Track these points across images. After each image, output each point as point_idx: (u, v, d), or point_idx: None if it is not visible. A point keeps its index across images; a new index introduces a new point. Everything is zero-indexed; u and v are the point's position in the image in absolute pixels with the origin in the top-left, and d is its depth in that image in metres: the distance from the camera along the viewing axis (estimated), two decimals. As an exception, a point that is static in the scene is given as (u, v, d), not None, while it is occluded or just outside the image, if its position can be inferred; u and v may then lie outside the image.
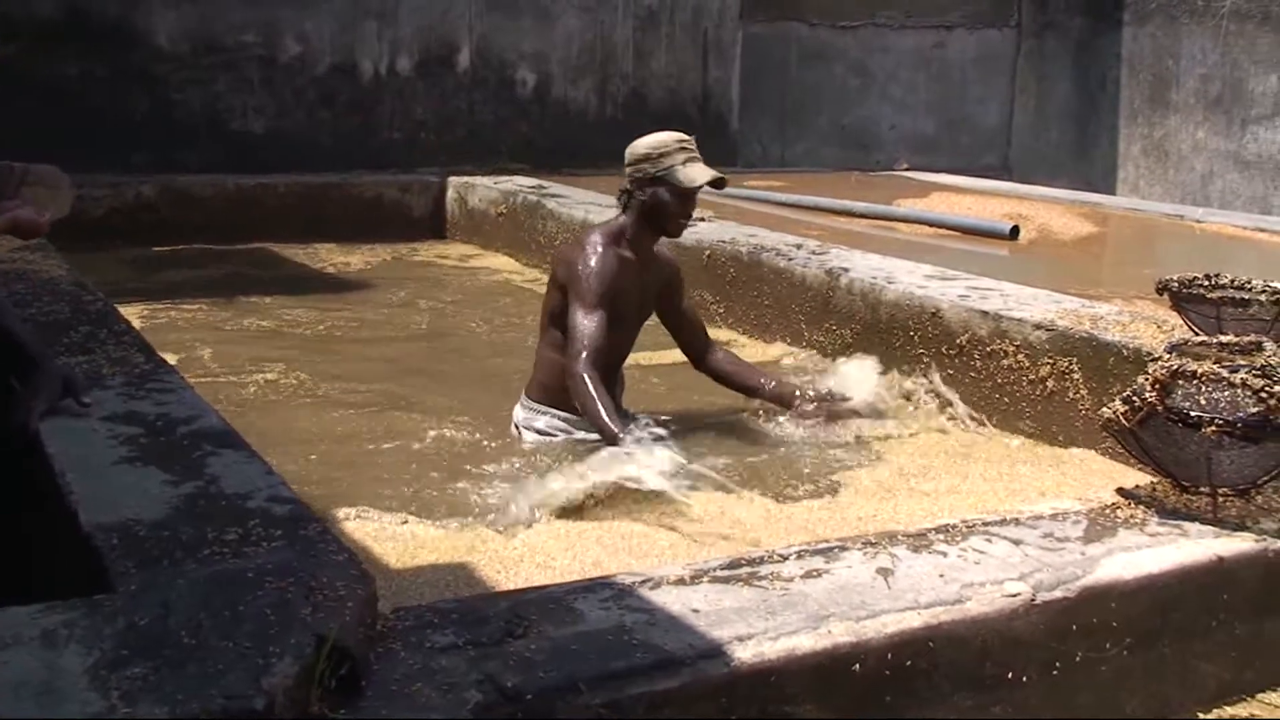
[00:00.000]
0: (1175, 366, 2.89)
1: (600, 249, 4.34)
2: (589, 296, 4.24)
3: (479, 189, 9.05)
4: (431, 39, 10.12)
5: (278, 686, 1.83)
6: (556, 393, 4.37)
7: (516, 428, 4.54)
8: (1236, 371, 2.93)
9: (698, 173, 4.34)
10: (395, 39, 9.99)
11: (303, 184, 9.11)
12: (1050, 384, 4.62)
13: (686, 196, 4.37)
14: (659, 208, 4.38)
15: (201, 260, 8.02)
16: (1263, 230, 8.17)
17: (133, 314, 5.61)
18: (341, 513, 3.79)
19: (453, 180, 9.38)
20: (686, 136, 4.44)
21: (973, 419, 4.67)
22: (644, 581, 2.40)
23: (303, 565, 2.22)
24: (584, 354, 4.14)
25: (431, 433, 4.64)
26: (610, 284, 4.29)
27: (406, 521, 3.79)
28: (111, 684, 1.80)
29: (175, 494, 2.58)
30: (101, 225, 8.17)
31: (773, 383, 4.75)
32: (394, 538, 3.67)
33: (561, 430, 4.43)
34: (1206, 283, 4.33)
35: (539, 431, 4.46)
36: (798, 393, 4.65)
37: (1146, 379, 2.87)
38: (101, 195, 8.38)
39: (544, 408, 4.46)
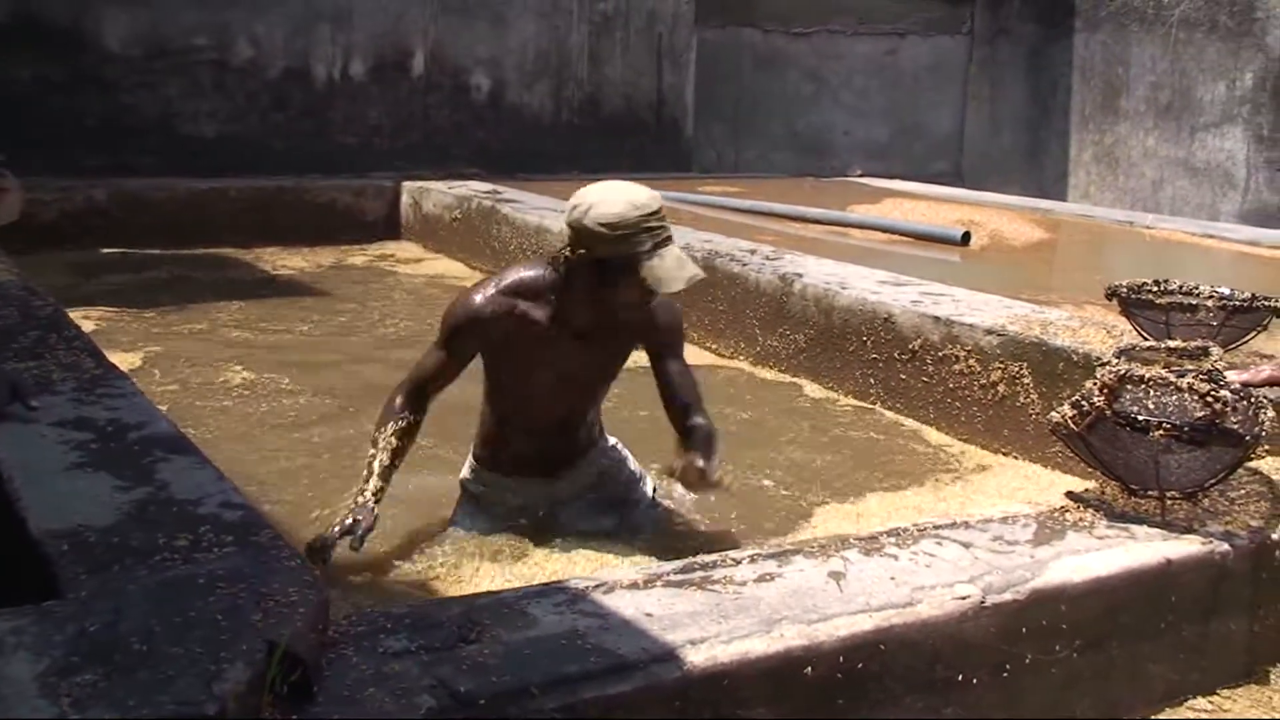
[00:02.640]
0: (1123, 371, 2.92)
1: (480, 295, 3.48)
2: (438, 336, 3.53)
3: (433, 194, 9.03)
4: (385, 43, 10.10)
5: (229, 693, 1.83)
6: (480, 449, 3.79)
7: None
8: (1183, 376, 2.96)
9: (670, 274, 3.26)
10: (349, 43, 9.97)
11: (255, 188, 9.06)
12: (1001, 388, 4.66)
13: (643, 288, 3.29)
14: (601, 290, 3.36)
15: (153, 265, 7.97)
16: (1211, 236, 8.28)
17: (83, 318, 5.57)
18: (296, 519, 3.79)
19: (407, 185, 9.36)
20: (651, 206, 3.28)
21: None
22: (597, 586, 2.41)
23: (254, 571, 2.21)
24: (401, 384, 3.55)
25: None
26: (465, 334, 3.48)
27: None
28: (61, 691, 1.79)
29: (126, 500, 2.56)
30: (52, 229, 8.13)
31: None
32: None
33: (478, 489, 3.79)
34: (1155, 288, 4.38)
35: (462, 483, 3.83)
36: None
37: (1094, 384, 2.89)
38: (52, 199, 8.31)
39: (473, 463, 3.82)
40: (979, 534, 2.77)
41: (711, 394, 5.36)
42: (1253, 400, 3.02)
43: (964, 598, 2.46)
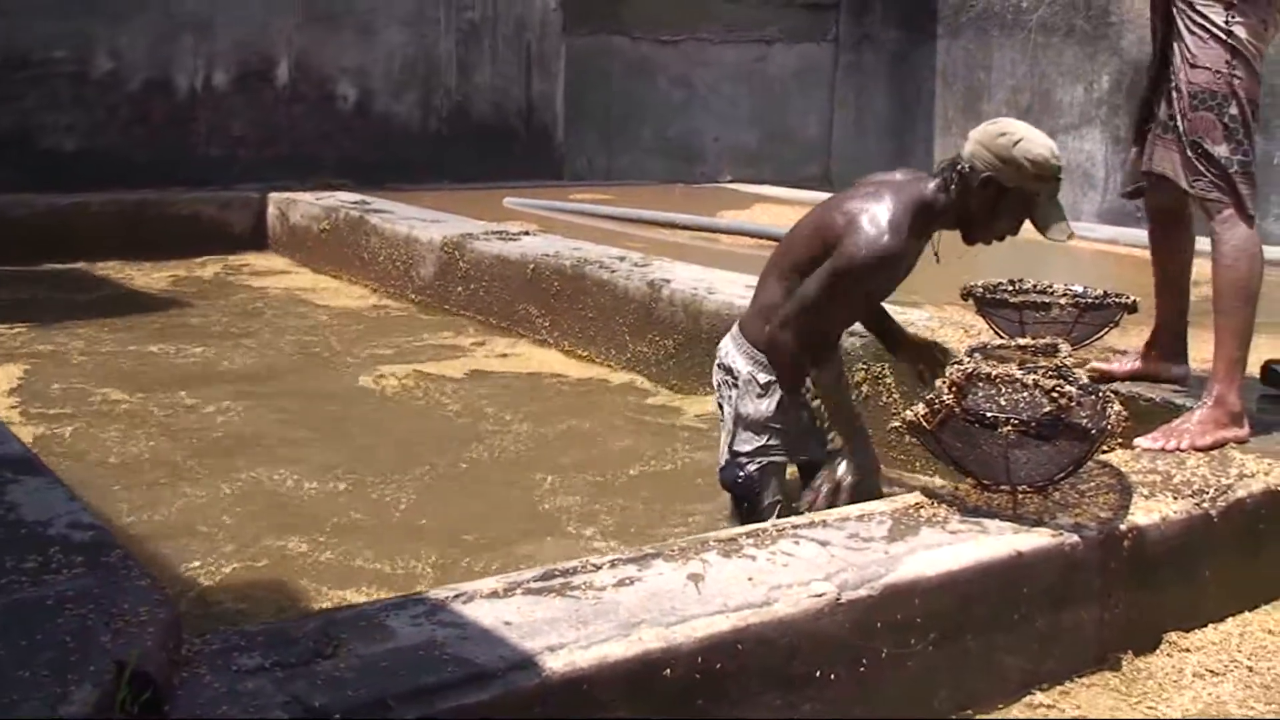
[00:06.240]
0: (970, 369, 2.98)
1: (904, 235, 3.52)
2: (853, 289, 3.55)
3: (301, 205, 8.93)
4: (249, 53, 9.95)
5: (75, 715, 1.80)
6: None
7: (727, 370, 3.83)
8: (1031, 373, 3.03)
9: (1056, 221, 3.50)
10: (211, 53, 9.80)
11: (117, 202, 8.88)
12: (865, 389, 4.74)
13: (1018, 226, 3.59)
14: (987, 215, 3.55)
15: (12, 283, 7.76)
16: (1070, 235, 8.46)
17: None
18: (156, 539, 3.74)
19: (273, 196, 9.23)
20: (1063, 161, 3.52)
21: None
22: (457, 596, 2.40)
23: (104, 592, 2.18)
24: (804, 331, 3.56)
25: (252, 460, 4.60)
26: (888, 273, 3.61)
27: (223, 547, 3.75)
28: (-102, 721, 1.75)
29: (-28, 523, 2.51)
30: (-95, 249, 7.91)
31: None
32: (209, 565, 3.64)
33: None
34: (1010, 288, 4.47)
35: (761, 387, 3.75)
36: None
37: (944, 382, 2.95)
38: (-95, 217, 8.09)
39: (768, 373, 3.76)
40: (835, 532, 2.81)
41: (595, 403, 5.44)
42: (1100, 395, 3.11)
43: (820, 595, 2.49)
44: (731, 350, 3.82)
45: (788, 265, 3.75)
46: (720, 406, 3.87)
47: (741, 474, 3.75)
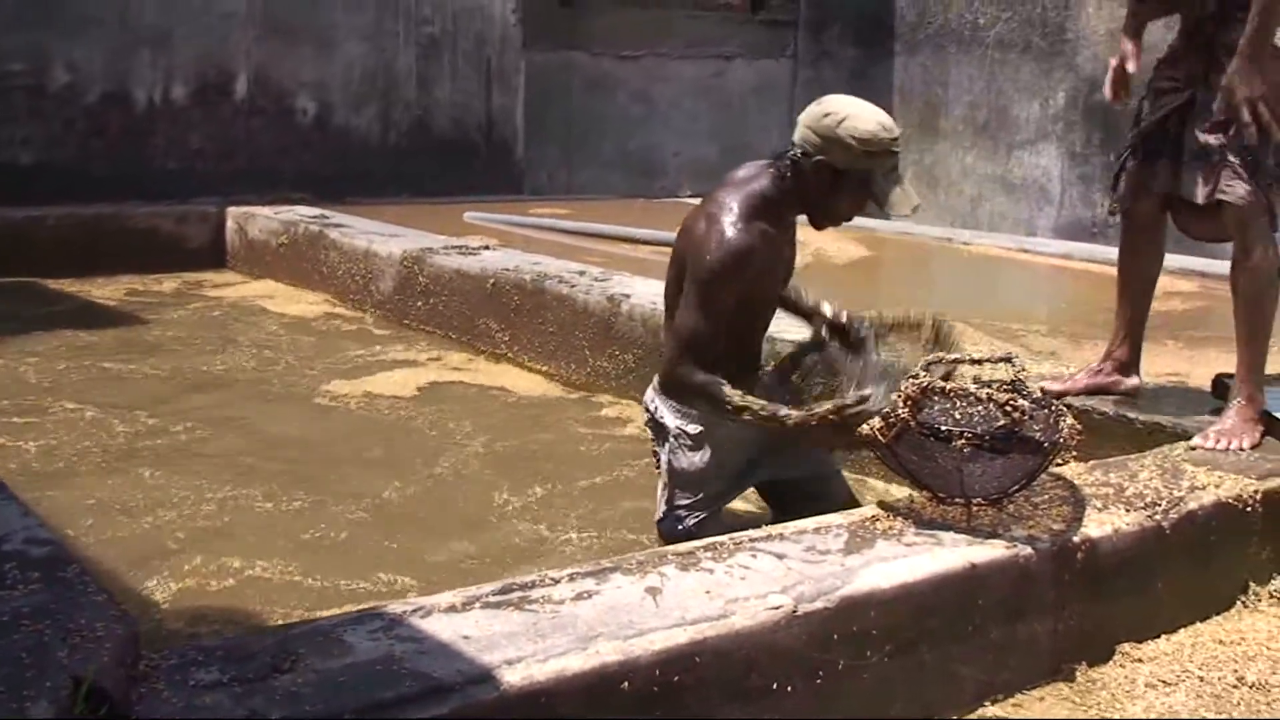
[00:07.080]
0: (925, 383, 3.01)
1: (746, 229, 3.47)
2: (719, 297, 3.47)
3: (259, 219, 8.89)
4: (207, 66, 9.91)
5: (32, 731, 1.80)
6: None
7: (657, 426, 3.76)
8: (985, 386, 3.07)
9: (900, 198, 3.49)
10: (169, 66, 9.76)
11: (74, 216, 8.81)
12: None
13: (861, 205, 3.58)
14: (826, 199, 3.53)
15: (-34, 296, 7.73)
16: (1025, 251, 8.58)
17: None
18: (112, 556, 3.73)
19: (232, 210, 9.18)
20: (896, 131, 3.50)
21: None
22: (415, 610, 2.41)
23: (60, 607, 2.18)
24: (679, 358, 3.53)
25: (210, 476, 4.58)
26: (736, 279, 3.49)
27: (182, 564, 3.74)
28: None
29: (-74, 539, 2.50)
30: None
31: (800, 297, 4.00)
32: (167, 581, 3.62)
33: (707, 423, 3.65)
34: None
35: (692, 440, 3.67)
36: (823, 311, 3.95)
37: (899, 395, 2.98)
38: None
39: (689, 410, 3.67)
40: (792, 545, 2.83)
41: (554, 418, 5.45)
42: (1053, 409, 3.14)
43: (776, 607, 2.51)
44: (659, 405, 3.75)
45: (669, 306, 3.73)
46: (654, 454, 3.85)
47: (680, 527, 3.72)
